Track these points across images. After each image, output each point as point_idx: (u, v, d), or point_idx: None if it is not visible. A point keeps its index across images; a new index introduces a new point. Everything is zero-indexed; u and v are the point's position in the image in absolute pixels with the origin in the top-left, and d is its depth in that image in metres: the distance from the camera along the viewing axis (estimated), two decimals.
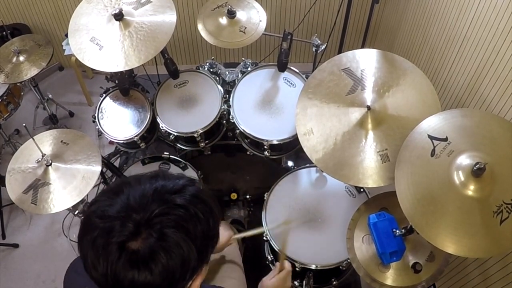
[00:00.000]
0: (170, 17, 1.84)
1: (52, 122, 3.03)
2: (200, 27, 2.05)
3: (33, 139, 1.72)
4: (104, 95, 2.14)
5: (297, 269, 1.69)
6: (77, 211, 1.79)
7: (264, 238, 1.78)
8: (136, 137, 2.02)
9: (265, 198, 1.86)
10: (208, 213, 0.81)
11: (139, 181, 0.80)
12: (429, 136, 1.35)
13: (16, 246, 2.63)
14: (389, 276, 1.48)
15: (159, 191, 0.78)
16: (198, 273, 0.83)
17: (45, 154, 1.72)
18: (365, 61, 1.66)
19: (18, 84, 2.70)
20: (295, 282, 1.81)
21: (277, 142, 1.93)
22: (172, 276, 0.74)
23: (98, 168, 1.73)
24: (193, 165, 2.06)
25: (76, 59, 1.91)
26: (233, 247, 1.77)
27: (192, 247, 0.75)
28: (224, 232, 1.35)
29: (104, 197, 0.79)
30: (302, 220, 1.71)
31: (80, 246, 0.77)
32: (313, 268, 1.69)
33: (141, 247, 0.72)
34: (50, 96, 3.00)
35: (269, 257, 1.87)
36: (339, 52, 2.43)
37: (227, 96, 2.08)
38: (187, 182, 0.83)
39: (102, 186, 2.22)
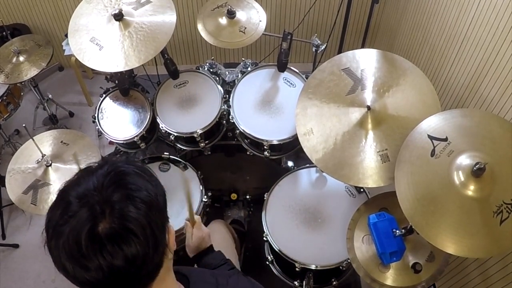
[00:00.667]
0: (170, 17, 1.84)
1: (52, 122, 3.03)
2: (200, 27, 2.05)
3: (33, 139, 1.72)
4: (104, 95, 2.14)
5: (297, 269, 1.69)
6: None
7: (264, 238, 1.78)
8: (136, 137, 2.02)
9: (265, 198, 1.86)
10: (153, 182, 0.82)
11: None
12: (429, 136, 1.35)
13: (16, 246, 2.63)
14: (389, 276, 1.48)
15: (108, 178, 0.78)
16: (167, 231, 0.83)
17: (45, 155, 1.72)
18: (365, 61, 1.66)
19: (18, 85, 2.70)
20: (295, 282, 1.81)
21: (277, 142, 1.93)
22: (151, 228, 0.75)
23: None
24: (193, 165, 2.06)
25: (76, 59, 1.91)
26: (229, 245, 1.77)
27: (148, 194, 0.77)
28: (197, 233, 1.35)
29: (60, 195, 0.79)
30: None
31: (51, 254, 0.75)
32: (313, 268, 1.69)
33: (113, 221, 0.72)
34: (50, 96, 3.00)
35: (269, 257, 1.87)
36: (339, 52, 2.43)
37: (227, 96, 2.08)
38: (111, 159, 0.86)
39: None
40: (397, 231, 1.42)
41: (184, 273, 0.98)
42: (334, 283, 1.82)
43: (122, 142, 2.07)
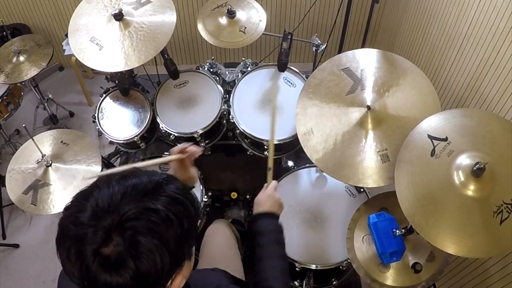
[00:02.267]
0: (170, 17, 1.84)
1: (52, 122, 3.02)
2: (200, 27, 2.05)
3: (33, 139, 1.72)
4: (104, 95, 2.14)
5: (297, 269, 1.70)
6: None
7: None
8: (136, 137, 2.02)
9: None
10: (182, 214, 0.78)
11: (109, 182, 0.78)
12: (429, 136, 1.35)
13: (16, 246, 2.63)
14: (389, 276, 1.48)
15: (129, 193, 0.76)
16: (177, 273, 0.82)
17: (45, 155, 1.72)
18: (365, 61, 1.66)
19: (18, 84, 2.70)
20: (295, 282, 1.81)
21: (277, 142, 1.93)
22: (145, 280, 0.73)
23: (98, 169, 1.73)
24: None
25: (76, 59, 1.91)
26: (233, 245, 1.77)
27: (164, 252, 0.74)
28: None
29: (76, 202, 0.78)
30: None
31: (58, 253, 0.76)
32: (313, 268, 1.69)
33: (112, 253, 0.72)
34: (50, 96, 2.99)
35: None
36: (339, 52, 2.42)
37: (227, 96, 2.08)
38: (161, 180, 0.80)
39: None
40: (397, 231, 1.42)
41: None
42: (334, 283, 1.82)
43: (122, 142, 2.07)
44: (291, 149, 2.07)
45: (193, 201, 0.83)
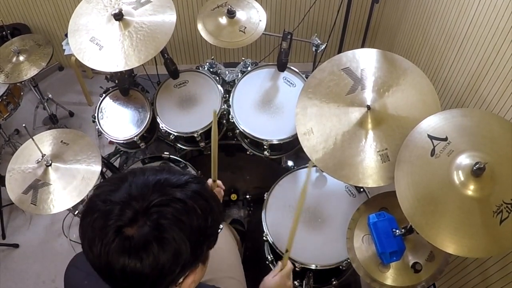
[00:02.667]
0: (170, 17, 1.84)
1: (52, 122, 3.02)
2: (200, 27, 2.05)
3: (33, 139, 1.72)
4: (104, 95, 2.14)
5: (297, 269, 1.69)
6: (77, 211, 1.79)
7: (264, 238, 1.78)
8: (136, 137, 2.02)
9: (265, 198, 1.86)
10: (207, 210, 0.81)
11: (144, 171, 0.82)
12: (429, 136, 1.35)
13: (16, 246, 2.63)
14: (389, 276, 1.48)
15: (161, 183, 0.79)
16: (192, 270, 0.83)
17: (45, 155, 1.72)
18: (365, 60, 1.66)
19: (18, 84, 2.70)
20: (295, 282, 1.81)
21: (277, 142, 1.93)
22: (162, 268, 0.74)
23: (98, 168, 1.73)
24: (193, 165, 2.06)
25: (76, 59, 1.91)
26: (232, 247, 1.77)
27: (186, 241, 0.76)
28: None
29: (109, 182, 0.81)
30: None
31: (80, 227, 0.78)
32: (313, 268, 1.69)
33: (135, 234, 0.73)
34: (50, 96, 2.99)
35: (269, 257, 1.87)
36: (339, 51, 2.42)
37: (227, 96, 2.08)
38: (191, 179, 0.83)
39: None
40: (397, 231, 1.42)
41: None
42: (334, 282, 1.82)
43: (122, 141, 2.07)
44: (291, 149, 2.07)
45: (218, 203, 0.86)
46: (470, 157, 1.27)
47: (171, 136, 2.05)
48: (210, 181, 1.36)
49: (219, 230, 0.88)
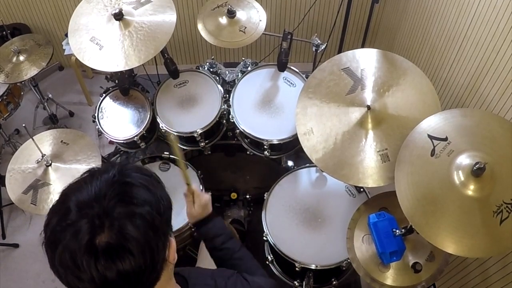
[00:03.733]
0: (170, 17, 1.84)
1: (52, 122, 3.02)
2: (200, 26, 2.04)
3: (33, 139, 1.72)
4: (104, 95, 2.14)
5: (297, 269, 1.69)
6: None
7: (264, 238, 1.78)
8: (136, 137, 2.02)
9: (265, 198, 1.86)
10: (146, 176, 0.80)
11: (78, 186, 0.78)
12: (429, 136, 1.35)
13: (16, 246, 2.63)
14: (389, 276, 1.48)
15: (102, 185, 0.76)
16: (170, 243, 0.82)
17: (45, 155, 1.72)
18: (365, 60, 1.66)
19: (18, 84, 2.70)
20: (295, 282, 1.81)
21: (277, 142, 1.93)
22: (150, 247, 0.73)
23: None
24: (193, 165, 2.06)
25: (76, 59, 1.91)
26: None
27: (151, 210, 0.75)
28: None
29: (55, 210, 0.76)
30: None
31: (47, 255, 0.74)
32: (313, 268, 1.69)
33: (111, 237, 0.70)
34: (50, 96, 3.00)
35: (269, 257, 1.87)
36: (339, 51, 2.43)
37: (227, 95, 2.08)
38: (122, 165, 0.81)
39: None
40: (397, 231, 1.42)
41: (183, 275, 0.98)
42: (334, 282, 1.82)
43: (122, 141, 2.07)
44: (291, 149, 2.07)
45: (160, 185, 0.84)
46: (470, 157, 1.27)
47: (171, 136, 2.05)
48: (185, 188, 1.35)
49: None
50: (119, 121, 2.07)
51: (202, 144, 2.08)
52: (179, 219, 1.71)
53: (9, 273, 2.54)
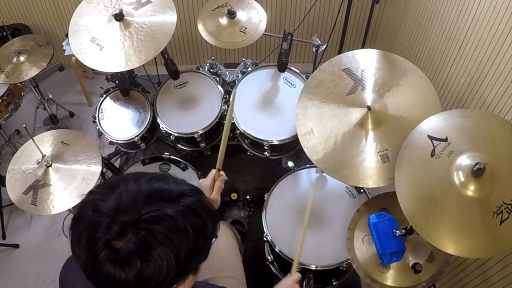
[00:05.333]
0: (170, 18, 1.84)
1: (53, 122, 3.03)
2: (200, 27, 2.05)
3: (33, 140, 1.72)
4: (104, 95, 2.14)
5: (297, 269, 1.69)
6: None
7: (264, 238, 1.78)
8: (136, 138, 2.02)
9: (265, 198, 1.87)
10: (199, 228, 0.78)
11: (137, 179, 0.80)
12: (429, 137, 1.35)
13: (16, 246, 2.63)
14: (389, 277, 1.48)
15: (153, 196, 0.76)
16: (179, 284, 0.82)
17: (45, 155, 1.72)
18: (365, 61, 1.66)
19: (18, 85, 2.70)
20: None
21: (277, 143, 1.93)
22: (146, 282, 0.74)
23: (98, 169, 1.73)
24: (193, 165, 2.06)
25: (77, 59, 1.91)
26: (233, 247, 1.77)
27: (173, 261, 0.74)
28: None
29: (101, 189, 0.79)
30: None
31: (70, 233, 0.78)
32: (313, 268, 1.69)
33: (122, 247, 0.72)
34: (50, 96, 3.00)
35: (269, 258, 1.87)
36: (339, 52, 2.43)
37: (227, 96, 2.08)
38: (186, 191, 0.80)
39: None
40: (397, 232, 1.42)
41: None
42: (334, 283, 1.82)
43: (122, 142, 2.08)
44: (291, 150, 2.07)
45: (213, 219, 0.83)
46: (470, 157, 1.27)
47: (171, 136, 2.05)
48: (213, 171, 1.33)
49: (213, 242, 0.85)
50: (119, 122, 2.07)
51: (202, 144, 2.08)
52: None
53: (9, 273, 2.54)
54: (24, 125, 1.77)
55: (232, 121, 1.99)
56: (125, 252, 0.72)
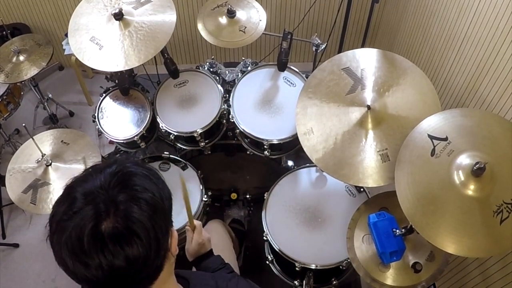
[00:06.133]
0: (170, 17, 1.84)
1: (52, 121, 3.03)
2: (200, 26, 2.04)
3: (33, 139, 1.72)
4: (104, 94, 2.14)
5: (297, 268, 1.70)
6: None
7: (264, 238, 1.78)
8: (136, 137, 2.02)
9: (265, 197, 1.87)
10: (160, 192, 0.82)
11: (84, 178, 0.80)
12: (429, 136, 1.35)
13: (16, 246, 2.63)
14: (389, 276, 1.48)
15: (107, 178, 0.78)
16: (172, 232, 0.84)
17: (45, 154, 1.72)
18: (365, 60, 1.66)
19: (18, 84, 2.70)
20: (295, 282, 1.81)
21: (277, 142, 1.93)
22: (155, 231, 0.75)
23: None
24: (193, 164, 2.06)
25: (76, 58, 1.91)
26: (227, 245, 1.78)
27: (154, 196, 0.77)
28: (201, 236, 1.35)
29: (62, 199, 0.78)
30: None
31: (53, 248, 0.75)
32: (313, 268, 1.69)
33: (117, 221, 0.72)
34: (50, 95, 3.00)
35: (269, 257, 1.87)
36: (339, 51, 2.42)
37: (227, 95, 2.08)
38: (121, 159, 0.86)
39: None
40: (397, 231, 1.42)
41: (184, 276, 0.99)
42: (334, 282, 1.82)
43: (122, 141, 2.07)
44: (291, 149, 2.07)
45: (161, 179, 0.85)
46: (470, 157, 1.27)
47: (171, 135, 2.05)
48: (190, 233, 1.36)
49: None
50: (119, 121, 2.07)
51: (202, 144, 2.08)
52: (180, 218, 1.70)
53: (9, 273, 2.54)
54: (24, 125, 1.77)
55: (232, 120, 1.99)
56: (122, 220, 0.72)
